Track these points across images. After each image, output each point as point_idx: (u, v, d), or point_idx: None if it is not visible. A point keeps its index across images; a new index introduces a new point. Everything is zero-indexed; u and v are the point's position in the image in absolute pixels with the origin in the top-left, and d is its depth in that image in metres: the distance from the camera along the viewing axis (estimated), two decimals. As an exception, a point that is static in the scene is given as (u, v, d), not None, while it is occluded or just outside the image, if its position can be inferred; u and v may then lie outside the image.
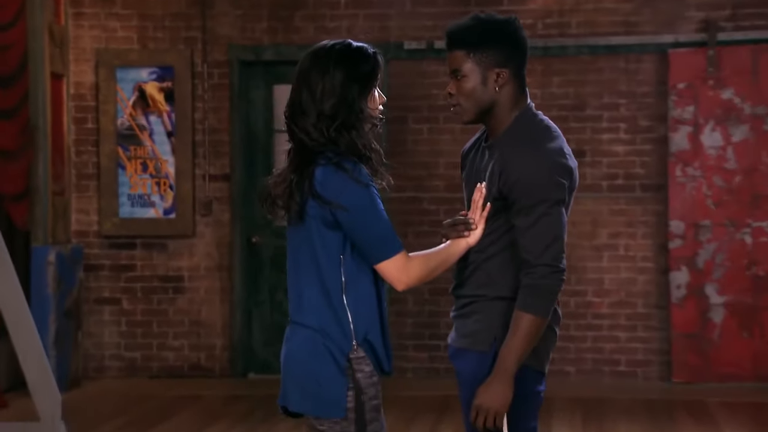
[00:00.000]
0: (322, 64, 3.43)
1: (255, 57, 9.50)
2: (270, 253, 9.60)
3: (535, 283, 3.43)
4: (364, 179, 3.36)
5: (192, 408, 8.32)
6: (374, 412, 3.40)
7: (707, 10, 9.07)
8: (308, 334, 3.41)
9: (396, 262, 3.37)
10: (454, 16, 9.16)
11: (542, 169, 3.47)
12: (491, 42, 3.57)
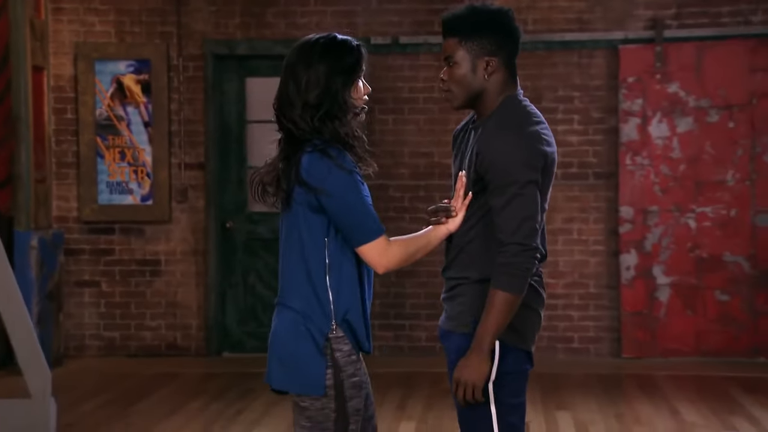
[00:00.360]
0: (307, 57, 3.43)
1: (228, 51, 9.56)
2: (243, 237, 9.68)
3: (507, 261, 3.37)
4: (348, 165, 3.35)
5: (170, 385, 8.35)
6: (354, 389, 3.40)
7: (654, 8, 9.22)
8: (291, 315, 3.43)
9: (376, 245, 3.37)
10: (417, 13, 9.43)
11: (516, 151, 3.41)
12: (482, 31, 3.51)
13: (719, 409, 7.26)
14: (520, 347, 3.49)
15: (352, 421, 3.42)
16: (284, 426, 6.92)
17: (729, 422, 6.91)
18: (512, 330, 3.44)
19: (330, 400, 3.39)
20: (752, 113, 9.09)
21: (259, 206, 9.47)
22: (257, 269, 9.68)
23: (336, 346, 3.39)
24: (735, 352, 9.07)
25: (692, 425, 6.84)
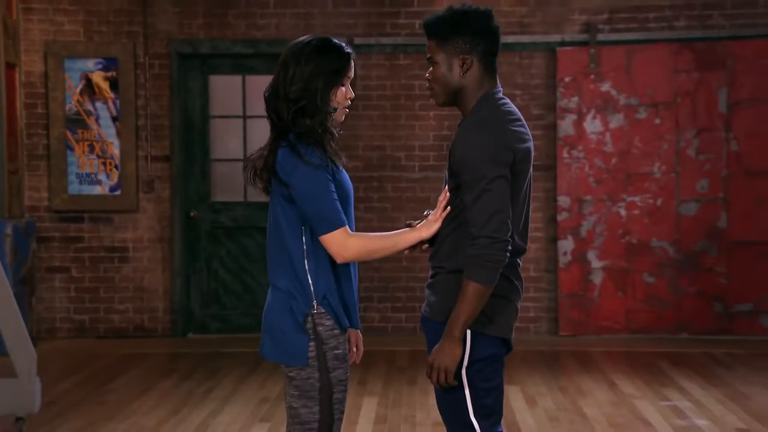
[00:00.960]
0: (298, 55, 3.49)
1: (192, 50, 9.53)
2: (206, 226, 9.67)
3: (477, 253, 3.33)
4: (315, 161, 3.39)
5: (141, 365, 8.33)
6: (337, 361, 3.48)
7: (589, 14, 9.35)
8: (278, 294, 3.50)
9: (334, 237, 3.40)
10: (369, 16, 9.48)
11: (483, 148, 3.37)
12: (457, 32, 3.50)
13: (652, 381, 7.40)
14: (490, 334, 3.47)
15: (336, 391, 3.49)
16: (254, 402, 6.97)
17: (661, 393, 7.05)
18: (483, 317, 3.42)
19: (314, 370, 3.47)
20: (676, 111, 9.27)
21: (222, 196, 9.69)
22: (220, 256, 9.69)
23: (318, 320, 3.46)
24: (661, 329, 9.26)
25: (630, 396, 6.97)
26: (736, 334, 9.18)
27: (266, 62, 9.59)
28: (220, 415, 6.61)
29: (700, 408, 6.61)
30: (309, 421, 3.49)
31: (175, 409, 6.81)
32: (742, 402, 6.78)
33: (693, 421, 6.31)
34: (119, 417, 6.60)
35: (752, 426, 6.18)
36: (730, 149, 9.22)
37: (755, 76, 9.22)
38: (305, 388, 3.48)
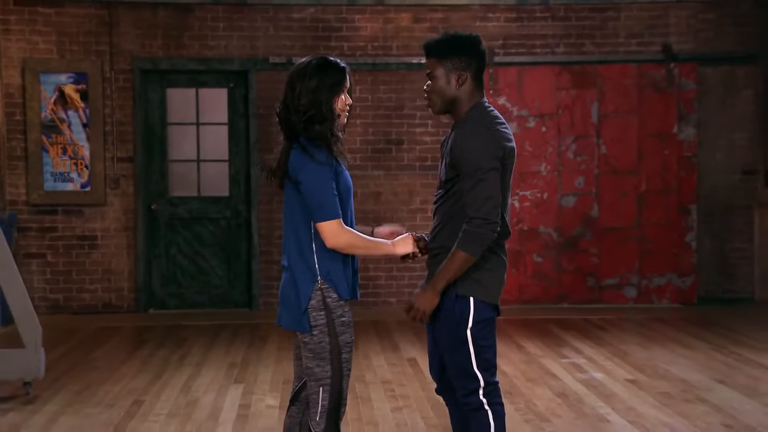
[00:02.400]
0: (303, 73, 3.55)
1: (152, 66, 9.47)
2: (165, 217, 9.62)
3: (471, 230, 3.46)
4: (322, 159, 3.47)
5: (116, 337, 8.28)
6: (343, 327, 3.57)
7: (487, 40, 9.45)
8: (290, 273, 3.58)
9: (329, 225, 3.46)
10: (306, 38, 9.54)
11: (481, 145, 3.50)
12: (455, 52, 3.61)
13: (550, 343, 7.68)
14: (487, 302, 3.62)
15: (344, 351, 3.58)
16: (225, 366, 7.01)
17: (560, 352, 7.34)
18: (482, 288, 3.59)
19: (324, 335, 3.54)
20: (558, 121, 9.60)
21: (178, 192, 9.67)
22: (177, 242, 9.66)
23: (327, 293, 3.54)
24: (546, 300, 9.57)
25: (536, 355, 7.21)
26: (605, 303, 9.55)
27: (216, 77, 9.61)
28: (199, 378, 6.65)
29: (593, 363, 6.93)
30: (323, 378, 3.57)
31: (157, 373, 6.82)
32: (625, 358, 7.12)
33: (591, 374, 6.61)
34: (111, 380, 6.59)
35: (638, 376, 6.51)
36: (601, 152, 9.60)
37: (618, 94, 9.60)
38: (318, 351, 3.56)
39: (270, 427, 5.39)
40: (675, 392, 6.07)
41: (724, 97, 9.82)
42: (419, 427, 5.34)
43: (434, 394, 5.91)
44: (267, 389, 6.28)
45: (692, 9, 9.72)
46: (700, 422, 5.38)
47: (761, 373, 6.64)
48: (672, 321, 8.70)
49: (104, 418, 5.61)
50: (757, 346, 7.55)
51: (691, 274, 9.61)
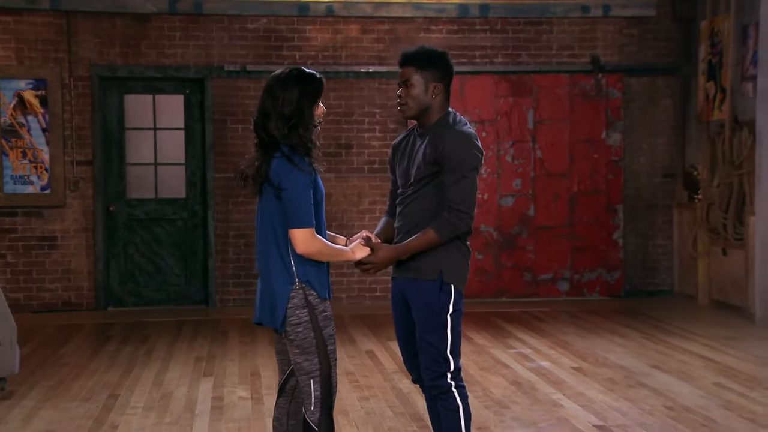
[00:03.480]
0: (284, 82, 3.54)
1: (110, 74, 9.34)
2: (123, 218, 9.51)
3: (451, 219, 3.62)
4: (306, 168, 3.50)
5: (80, 333, 8.17)
6: (325, 321, 3.60)
7: (431, 50, 9.76)
8: (265, 277, 3.58)
9: (303, 233, 3.47)
10: (259, 48, 9.53)
11: (464, 144, 3.66)
12: (433, 65, 3.74)
13: (496, 334, 7.82)
14: (462, 292, 3.78)
15: (328, 344, 3.62)
16: (191, 361, 6.99)
17: (507, 343, 7.49)
18: (462, 280, 3.76)
19: (309, 331, 3.57)
20: (497, 127, 9.76)
21: (136, 194, 9.57)
22: (135, 243, 9.57)
23: (308, 292, 3.56)
24: (487, 294, 9.69)
25: (485, 347, 7.33)
26: (541, 297, 9.75)
27: (173, 84, 9.55)
28: (168, 372, 6.61)
29: (539, 353, 7.09)
30: (312, 371, 3.60)
31: (127, 368, 6.76)
32: (567, 347, 7.31)
33: (538, 363, 6.77)
34: (83, 376, 6.52)
35: (581, 364, 6.69)
36: (536, 156, 9.80)
37: (552, 102, 9.80)
38: (305, 346, 3.58)
39: (245, 417, 5.40)
40: (617, 378, 6.26)
41: (647, 106, 10.11)
42: (387, 414, 5.41)
43: (398, 384, 6.03)
44: (236, 382, 6.28)
45: (618, 24, 9.98)
46: (644, 405, 5.56)
47: (690, 358, 6.88)
48: (603, 312, 8.94)
49: (82, 412, 5.56)
50: (682, 334, 7.82)
51: (618, 268, 9.88)
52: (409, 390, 5.95)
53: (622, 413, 5.38)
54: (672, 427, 5.10)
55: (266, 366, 6.74)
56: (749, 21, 8.76)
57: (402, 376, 6.36)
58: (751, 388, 5.95)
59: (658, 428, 5.07)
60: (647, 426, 5.11)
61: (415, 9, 9.63)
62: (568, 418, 5.27)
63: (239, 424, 5.26)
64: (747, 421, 5.21)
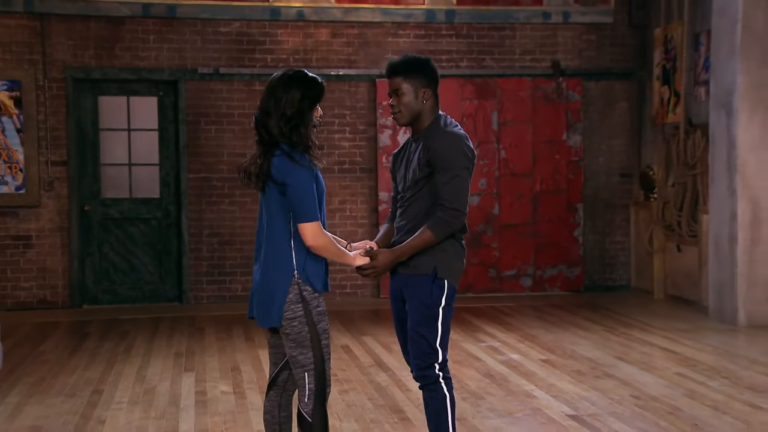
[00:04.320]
0: (286, 84, 3.56)
1: (85, 75, 9.24)
2: (98, 218, 9.42)
3: (445, 218, 3.66)
4: (307, 164, 3.52)
5: (58, 330, 8.07)
6: (319, 316, 3.60)
7: (399, 54, 9.67)
8: (265, 269, 3.58)
9: (311, 226, 3.50)
10: (231, 51, 9.49)
11: (456, 146, 3.71)
12: (420, 72, 3.81)
13: (466, 329, 7.85)
14: (454, 284, 3.83)
15: (322, 338, 3.62)
16: (171, 357, 6.94)
17: (477, 337, 7.53)
18: (455, 275, 3.80)
19: (304, 325, 3.57)
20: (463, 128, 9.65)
21: (110, 194, 9.48)
22: (110, 241, 9.47)
23: (303, 287, 3.57)
24: (453, 290, 9.78)
25: (457, 340, 7.32)
26: (505, 292, 9.83)
27: (147, 86, 9.47)
28: (149, 367, 6.57)
29: (508, 346, 7.16)
30: (307, 364, 3.60)
31: (108, 364, 6.70)
32: (534, 341, 7.39)
33: (509, 355, 6.83)
34: (65, 372, 6.44)
35: (550, 357, 6.77)
36: (501, 157, 9.88)
37: (515, 104, 9.88)
38: (299, 340, 3.58)
39: (229, 411, 5.39)
40: (585, 369, 6.35)
41: (605, 109, 10.25)
42: (368, 407, 5.44)
43: (375, 378, 6.06)
44: (218, 376, 6.26)
45: (577, 30, 10.11)
46: (612, 395, 5.65)
47: (651, 350, 7.00)
48: (566, 306, 9.05)
49: (68, 407, 5.50)
50: (641, 327, 7.95)
51: (578, 264, 10.01)
52: (387, 383, 5.99)
53: (592, 403, 5.46)
54: (640, 415, 5.19)
55: (245, 361, 6.72)
56: (701, 29, 8.93)
57: (378, 369, 6.40)
58: (710, 377, 6.07)
59: (628, 417, 5.16)
60: (617, 414, 5.20)
61: (383, 14, 9.66)
62: (541, 408, 5.34)
63: (224, 417, 5.25)
64: (710, 408, 5.32)
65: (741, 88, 8.00)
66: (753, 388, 5.79)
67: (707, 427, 4.95)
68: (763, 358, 6.69)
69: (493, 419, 5.14)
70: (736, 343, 7.29)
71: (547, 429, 4.95)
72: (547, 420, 5.11)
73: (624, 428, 4.93)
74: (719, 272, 8.28)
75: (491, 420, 5.12)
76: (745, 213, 8.02)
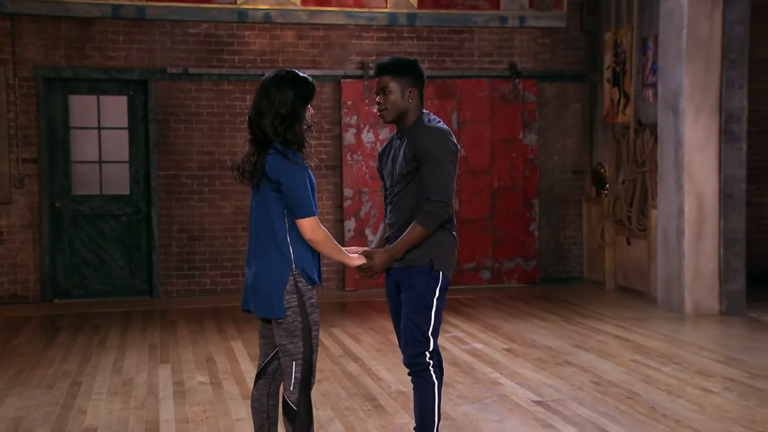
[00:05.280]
0: (279, 83, 3.57)
1: (55, 75, 9.11)
2: (69, 214, 9.30)
3: (432, 210, 3.71)
4: (300, 162, 3.54)
5: (30, 324, 7.95)
6: (312, 307, 3.63)
7: (362, 56, 9.77)
8: (262, 264, 3.58)
9: (309, 221, 3.53)
10: (200, 52, 9.43)
11: (440, 140, 3.76)
12: (406, 72, 3.84)
13: None
14: (448, 275, 3.87)
15: (313, 329, 3.64)
16: (146, 349, 6.90)
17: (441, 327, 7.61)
18: (450, 266, 3.84)
19: (297, 315, 3.59)
20: (424, 127, 9.89)
21: (81, 190, 9.39)
22: (80, 237, 9.36)
23: (299, 279, 3.58)
24: (414, 283, 9.83)
25: (421, 330, 7.46)
26: (465, 284, 9.93)
27: (117, 85, 9.37)
28: (125, 359, 6.52)
29: (471, 337, 7.23)
30: (296, 353, 3.62)
31: (84, 356, 6.63)
32: (496, 331, 7.47)
33: (473, 345, 6.91)
34: (42, 365, 6.36)
35: (512, 346, 6.86)
36: (460, 155, 9.91)
37: (474, 104, 9.98)
38: (291, 330, 3.60)
39: (208, 400, 5.38)
40: (546, 357, 6.45)
41: (558, 109, 10.39)
42: (342, 395, 5.47)
43: (347, 367, 6.09)
44: (193, 368, 6.24)
45: (532, 34, 10.23)
46: (573, 381, 5.76)
47: (606, 338, 7.13)
48: (523, 298, 9.17)
49: (49, 399, 5.44)
50: (595, 316, 8.09)
51: (534, 258, 10.14)
52: (359, 373, 6.02)
53: (555, 389, 5.56)
54: (601, 400, 5.30)
55: (219, 352, 6.71)
56: (648, 34, 9.10)
57: (349, 359, 6.43)
58: (663, 363, 6.22)
59: (590, 401, 5.26)
60: (580, 400, 5.30)
61: (347, 17, 9.68)
62: (508, 395, 5.41)
63: (203, 407, 5.24)
64: (664, 392, 5.45)
65: (687, 91, 8.17)
66: (703, 372, 5.94)
67: (663, 409, 5.07)
68: (710, 344, 6.86)
69: (463, 406, 5.21)
70: (683, 331, 7.46)
71: (515, 414, 5.03)
72: (514, 406, 5.20)
73: (587, 413, 5.03)
74: (667, 264, 8.45)
75: (462, 407, 5.19)
76: (691, 208, 8.21)
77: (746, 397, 5.33)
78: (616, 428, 4.73)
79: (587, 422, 4.84)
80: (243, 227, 9.49)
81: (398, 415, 5.00)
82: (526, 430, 4.75)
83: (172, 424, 4.87)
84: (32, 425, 4.90)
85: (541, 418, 4.93)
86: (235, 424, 4.85)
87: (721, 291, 8.20)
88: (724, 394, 5.40)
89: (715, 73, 8.15)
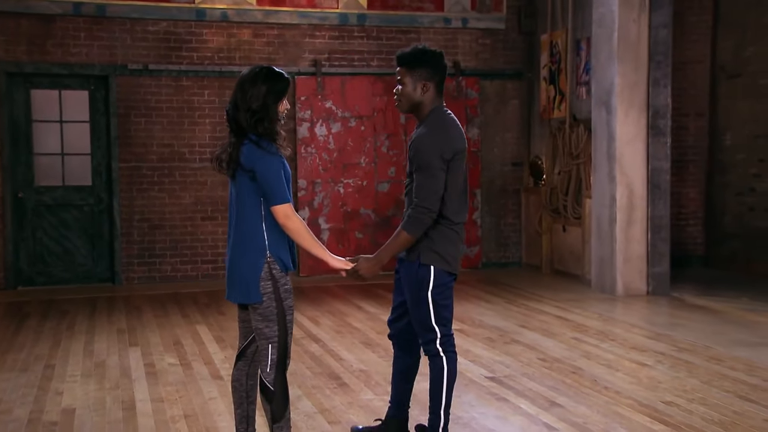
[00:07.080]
0: (254, 79, 3.53)
1: (17, 70, 8.90)
2: (32, 204, 9.11)
3: (416, 216, 3.61)
4: (274, 151, 3.51)
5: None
6: (286, 293, 3.60)
7: (315, 54, 9.78)
8: (239, 251, 3.56)
9: (283, 208, 3.48)
10: (160, 48, 9.32)
11: (433, 146, 3.59)
12: (422, 64, 3.66)
13: (382, 303, 7.90)
14: (445, 269, 3.74)
15: (287, 314, 3.62)
16: (114, 333, 6.82)
17: (392, 309, 7.68)
18: (442, 259, 3.72)
19: (272, 301, 3.56)
20: (374, 121, 9.94)
21: (44, 182, 9.24)
22: (43, 227, 9.18)
23: (273, 266, 3.55)
24: (365, 269, 9.87)
25: (376, 314, 7.46)
26: (411, 270, 9.99)
27: (79, 81, 9.20)
28: (95, 343, 6.44)
29: (424, 317, 7.31)
30: (271, 337, 3.62)
31: (54, 341, 6.53)
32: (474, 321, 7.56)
33: (426, 325, 6.98)
34: (13, 349, 6.25)
35: (462, 326, 6.93)
36: (407, 147, 9.99)
37: (420, 100, 10.05)
38: (267, 314, 3.59)
39: (180, 381, 5.36)
40: (494, 336, 6.57)
41: (498, 105, 10.54)
42: (307, 375, 5.50)
43: (309, 348, 6.13)
44: (162, 350, 6.20)
45: (474, 35, 10.34)
46: (522, 358, 5.89)
47: (548, 318, 7.30)
48: (468, 282, 9.29)
49: (24, 381, 5.36)
50: (536, 298, 8.25)
51: (477, 244, 10.28)
52: (321, 353, 6.06)
53: (506, 366, 5.68)
54: (548, 375, 5.44)
55: (185, 336, 6.67)
56: (582, 36, 9.29)
57: (310, 341, 6.46)
58: (601, 341, 6.39)
59: (538, 376, 5.39)
60: (529, 375, 5.43)
61: (300, 17, 9.65)
62: (463, 372, 5.50)
63: (176, 387, 5.22)
64: (604, 367, 5.62)
65: (618, 89, 8.37)
66: (636, 348, 6.13)
67: (605, 382, 5.23)
68: (640, 322, 7.07)
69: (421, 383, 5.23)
70: (616, 310, 7.66)
71: (470, 389, 5.13)
72: (470, 382, 5.29)
73: (536, 387, 5.16)
74: (600, 249, 8.66)
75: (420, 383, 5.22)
76: (622, 197, 8.42)
77: (676, 369, 5.53)
78: (564, 400, 4.86)
79: (537, 395, 4.97)
80: (202, 217, 9.42)
81: (362, 392, 5.06)
82: (482, 403, 4.85)
83: (148, 404, 4.85)
84: (11, 406, 4.82)
85: (495, 393, 5.04)
86: (208, 402, 4.85)
87: (649, 273, 8.44)
88: (656, 366, 5.58)
89: (642, 73, 8.36)
